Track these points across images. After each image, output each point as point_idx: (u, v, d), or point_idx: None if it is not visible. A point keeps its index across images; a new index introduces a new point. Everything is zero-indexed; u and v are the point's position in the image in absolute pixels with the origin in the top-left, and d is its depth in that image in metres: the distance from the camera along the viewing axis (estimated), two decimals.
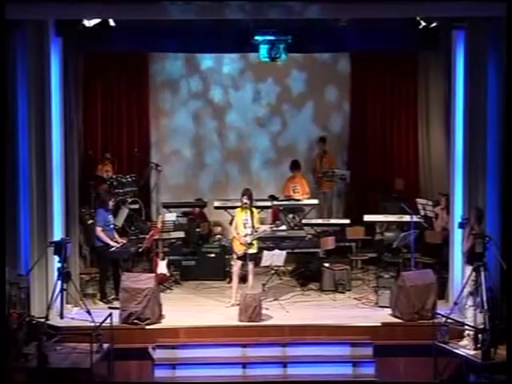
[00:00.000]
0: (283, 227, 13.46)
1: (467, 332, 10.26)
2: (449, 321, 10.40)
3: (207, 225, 14.94)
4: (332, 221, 14.54)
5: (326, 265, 12.81)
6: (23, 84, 10.92)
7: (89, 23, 11.64)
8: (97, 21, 11.65)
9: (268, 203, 14.36)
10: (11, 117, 10.77)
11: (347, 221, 14.22)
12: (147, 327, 10.95)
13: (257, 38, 12.20)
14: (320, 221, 14.53)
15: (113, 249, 12.04)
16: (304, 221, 14.26)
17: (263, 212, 14.23)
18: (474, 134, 11.14)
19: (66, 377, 9.94)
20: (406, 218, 12.87)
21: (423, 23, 12.09)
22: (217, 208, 14.43)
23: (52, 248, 10.67)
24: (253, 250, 11.84)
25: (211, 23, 11.82)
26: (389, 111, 15.89)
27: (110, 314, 10.46)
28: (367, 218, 13.65)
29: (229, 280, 12.97)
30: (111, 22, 11.94)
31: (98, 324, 10.26)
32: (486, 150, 10.96)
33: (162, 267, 12.78)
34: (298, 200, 14.30)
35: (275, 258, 12.03)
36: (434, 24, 11.97)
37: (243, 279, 12.09)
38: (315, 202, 14.49)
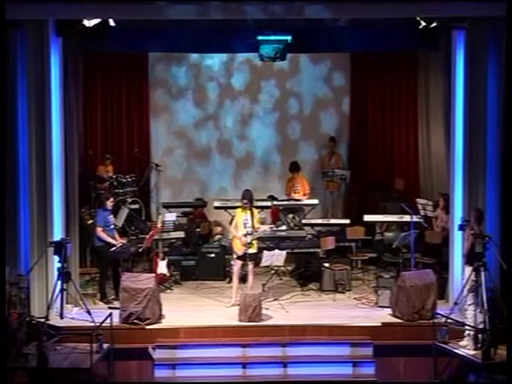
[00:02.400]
0: (283, 227, 13.46)
1: (467, 332, 10.26)
2: (449, 321, 10.39)
3: (207, 225, 14.94)
4: (332, 221, 14.53)
5: (326, 265, 12.80)
6: (23, 84, 10.93)
7: (89, 23, 11.61)
8: (97, 21, 11.62)
9: (268, 203, 14.37)
10: (11, 117, 10.77)
11: (347, 221, 14.22)
12: (147, 327, 10.94)
13: (257, 38, 12.18)
14: (320, 221, 14.53)
15: (113, 249, 12.04)
16: (304, 221, 14.26)
17: (263, 212, 14.24)
18: (473, 134, 11.13)
19: (65, 377, 9.96)
20: (406, 218, 12.88)
21: (423, 23, 12.06)
22: (217, 208, 14.44)
23: (52, 248, 10.69)
24: (253, 250, 11.84)
25: (211, 23, 11.80)
26: (389, 111, 15.89)
27: (110, 314, 10.46)
28: (367, 217, 13.67)
29: (229, 280, 12.97)
30: (111, 22, 11.91)
31: (98, 324, 10.26)
32: (486, 150, 10.96)
33: (162, 267, 12.77)
34: (298, 200, 14.30)
35: (275, 258, 12.03)
36: (434, 24, 11.94)
37: (243, 279, 12.09)
38: (315, 201, 14.49)
